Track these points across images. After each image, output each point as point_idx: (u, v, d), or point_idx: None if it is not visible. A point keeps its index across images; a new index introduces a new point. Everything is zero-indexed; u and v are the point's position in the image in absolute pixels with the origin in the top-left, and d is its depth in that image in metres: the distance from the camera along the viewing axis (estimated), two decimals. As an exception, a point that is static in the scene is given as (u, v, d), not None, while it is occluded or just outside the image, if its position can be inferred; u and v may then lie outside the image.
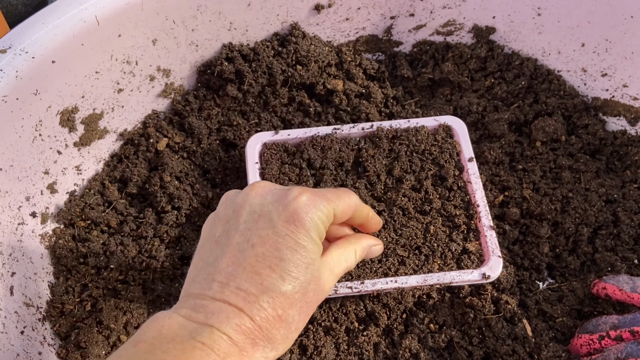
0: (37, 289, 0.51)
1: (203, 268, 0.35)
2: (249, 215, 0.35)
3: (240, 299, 0.32)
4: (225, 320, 0.31)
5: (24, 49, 0.47)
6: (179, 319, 0.32)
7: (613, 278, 0.49)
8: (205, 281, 0.34)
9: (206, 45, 0.61)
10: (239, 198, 0.37)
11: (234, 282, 0.33)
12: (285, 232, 0.34)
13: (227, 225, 0.36)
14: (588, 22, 0.60)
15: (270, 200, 0.36)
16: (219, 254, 0.34)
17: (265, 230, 0.34)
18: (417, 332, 0.50)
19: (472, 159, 0.55)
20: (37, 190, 0.52)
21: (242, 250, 0.34)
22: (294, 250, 0.34)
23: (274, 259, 0.33)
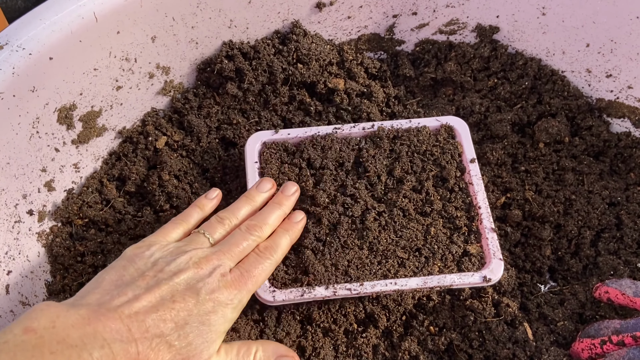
0: (33, 287, 0.51)
1: (120, 287, 0.38)
2: (184, 280, 0.40)
3: (139, 331, 0.36)
4: (118, 341, 0.34)
5: (21, 46, 0.47)
6: (76, 317, 0.34)
7: (616, 282, 0.49)
8: (117, 298, 0.37)
9: (206, 42, 0.60)
10: (181, 259, 0.41)
11: (143, 317, 0.36)
12: (204, 307, 0.39)
13: (159, 274, 0.40)
14: (593, 22, 0.59)
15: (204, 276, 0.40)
16: (143, 288, 0.38)
17: (189, 298, 0.39)
18: (417, 334, 0.50)
19: (474, 160, 0.54)
20: (34, 188, 0.52)
21: (162, 298, 0.38)
22: (200, 323, 0.39)
23: (181, 319, 0.38)
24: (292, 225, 0.48)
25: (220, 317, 0.40)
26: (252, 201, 0.48)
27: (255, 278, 0.43)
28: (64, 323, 0.33)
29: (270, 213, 0.47)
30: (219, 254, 0.42)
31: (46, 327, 0.33)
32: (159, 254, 0.42)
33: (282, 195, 0.49)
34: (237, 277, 0.42)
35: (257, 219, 0.46)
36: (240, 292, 0.41)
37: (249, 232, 0.45)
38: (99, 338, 0.34)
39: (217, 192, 0.51)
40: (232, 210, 0.47)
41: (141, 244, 0.44)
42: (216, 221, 0.46)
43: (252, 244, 0.45)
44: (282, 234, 0.46)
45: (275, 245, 0.45)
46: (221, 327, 0.40)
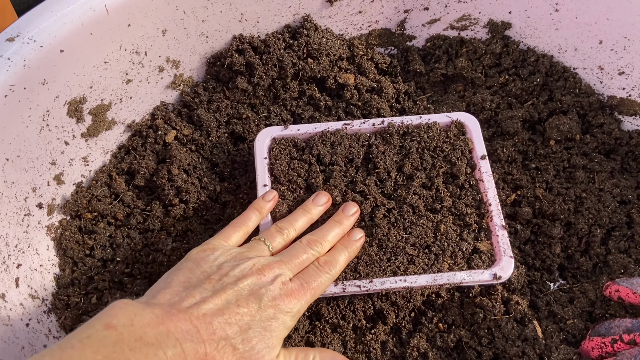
0: (42, 281, 0.51)
1: (187, 289, 0.40)
2: (248, 285, 0.42)
3: (207, 333, 0.38)
4: (189, 341, 0.36)
5: (32, 38, 0.46)
6: (151, 316, 0.36)
7: (626, 280, 0.49)
8: (186, 299, 0.39)
9: (216, 36, 0.60)
10: (245, 265, 0.43)
11: (210, 319, 0.38)
12: (266, 313, 0.41)
13: (224, 278, 0.42)
14: (607, 18, 0.59)
15: (266, 282, 0.42)
16: (210, 291, 0.40)
17: (252, 303, 0.41)
18: (426, 331, 0.50)
19: (485, 157, 0.54)
20: (43, 181, 0.52)
21: (228, 302, 0.40)
22: (263, 328, 0.40)
23: (245, 324, 0.40)
24: (351, 243, 0.48)
25: (280, 323, 0.41)
26: (309, 213, 0.50)
27: (314, 290, 0.44)
28: (140, 321, 0.35)
29: (330, 230, 0.48)
30: (280, 263, 0.44)
31: (125, 325, 0.35)
32: (223, 258, 0.44)
33: (343, 215, 0.50)
34: (297, 287, 0.43)
35: (318, 234, 0.48)
36: (300, 301, 0.43)
37: (310, 246, 0.46)
38: (171, 337, 0.36)
39: (274, 194, 0.52)
40: (290, 221, 0.49)
41: (205, 246, 0.45)
42: (275, 231, 0.48)
43: (311, 258, 0.46)
44: (341, 250, 0.48)
45: (334, 261, 0.46)
46: (281, 333, 0.42)
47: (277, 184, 0.53)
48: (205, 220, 0.56)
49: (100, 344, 0.33)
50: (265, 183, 0.53)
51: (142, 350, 0.34)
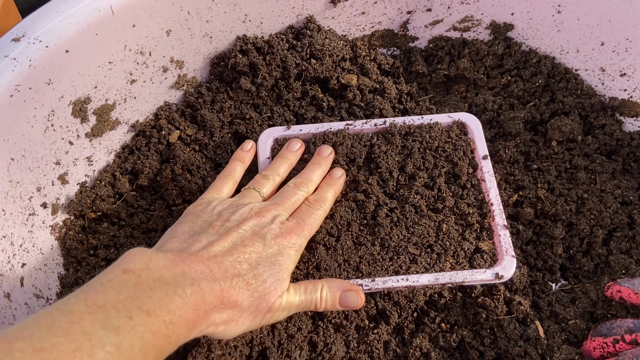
0: (47, 280, 0.51)
1: (194, 236, 0.43)
2: (250, 227, 0.44)
3: (220, 272, 0.40)
4: (204, 280, 0.38)
5: (38, 38, 0.47)
6: (165, 259, 0.38)
7: (628, 281, 0.49)
8: (194, 244, 0.41)
9: (220, 37, 0.60)
10: (243, 210, 0.46)
11: (221, 259, 0.40)
12: (271, 250, 0.44)
13: (227, 223, 0.44)
14: (609, 20, 0.59)
15: (266, 223, 0.45)
16: (215, 235, 0.43)
17: (257, 242, 0.43)
18: (428, 331, 0.50)
19: (487, 157, 0.54)
20: (48, 180, 0.52)
21: (234, 243, 0.42)
22: (271, 263, 0.43)
23: (254, 261, 0.42)
24: (334, 180, 0.52)
25: (286, 257, 0.44)
26: (287, 159, 0.53)
27: (310, 225, 0.48)
28: (155, 265, 0.37)
29: (313, 171, 0.52)
30: (275, 205, 0.47)
31: (142, 269, 0.36)
32: (220, 207, 0.46)
33: (320, 157, 0.53)
34: (295, 225, 0.46)
35: (302, 176, 0.51)
36: (300, 237, 0.46)
37: (297, 188, 0.50)
38: (187, 277, 0.37)
39: (252, 143, 0.56)
40: (272, 168, 0.52)
41: (199, 201, 0.48)
42: (261, 177, 0.51)
43: (301, 198, 0.50)
44: (327, 188, 0.51)
45: (323, 198, 0.50)
46: (289, 266, 0.45)
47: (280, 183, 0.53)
48: (208, 220, 0.56)
49: (122, 286, 0.34)
50: (269, 183, 0.53)
51: (161, 289, 0.35)
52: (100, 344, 0.30)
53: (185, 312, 0.36)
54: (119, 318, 0.32)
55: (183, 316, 0.36)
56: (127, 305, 0.33)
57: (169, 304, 0.35)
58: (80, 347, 0.30)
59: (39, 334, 0.29)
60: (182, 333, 0.36)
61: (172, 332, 0.35)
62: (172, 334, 0.35)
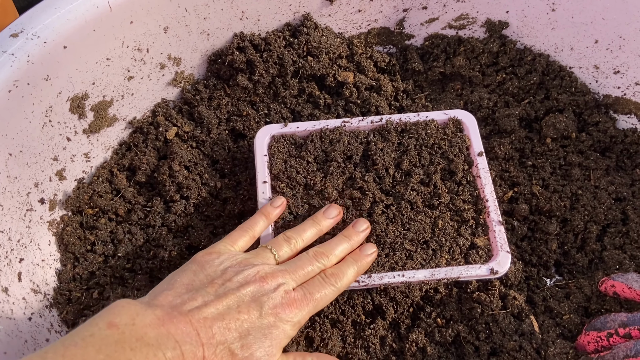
0: (44, 275, 0.51)
1: (190, 291, 0.41)
2: (250, 292, 0.42)
3: (206, 337, 0.38)
4: (188, 343, 0.37)
5: (36, 34, 0.47)
6: (152, 317, 0.37)
7: (622, 276, 0.49)
8: (188, 302, 0.39)
9: (217, 34, 0.60)
10: (249, 272, 0.43)
11: (210, 323, 0.39)
12: (266, 320, 0.41)
13: (228, 283, 0.42)
14: (603, 18, 0.60)
15: (269, 290, 0.42)
16: (212, 295, 0.41)
17: (253, 310, 0.41)
18: (424, 326, 0.50)
19: (482, 154, 0.55)
20: (45, 176, 0.52)
21: (229, 307, 0.40)
22: (262, 335, 0.40)
23: (244, 330, 0.40)
24: (362, 257, 0.48)
25: (280, 332, 0.41)
26: (319, 225, 0.49)
27: (317, 302, 0.44)
28: (142, 321, 0.36)
29: (339, 244, 0.48)
30: (285, 272, 0.44)
31: (127, 324, 0.35)
32: (227, 263, 0.44)
33: (353, 230, 0.49)
34: (300, 297, 0.43)
35: (325, 247, 0.47)
36: (301, 311, 0.43)
37: (315, 259, 0.46)
38: (171, 339, 0.36)
39: (282, 201, 0.51)
40: (298, 231, 0.48)
41: (211, 250, 0.45)
42: (283, 240, 0.47)
43: (316, 270, 0.46)
44: (350, 263, 0.47)
45: (342, 274, 0.46)
46: (281, 341, 0.41)
47: (276, 180, 0.54)
48: (205, 217, 0.56)
49: (103, 343, 0.34)
50: (265, 180, 0.53)
51: (142, 351, 0.34)
52: None
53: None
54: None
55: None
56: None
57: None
58: None
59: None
60: None
61: None
62: None
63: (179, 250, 0.54)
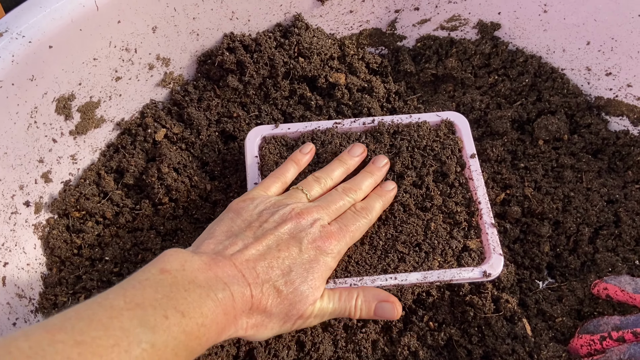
0: (29, 280, 0.50)
1: (229, 237, 0.42)
2: (288, 230, 0.43)
3: (251, 277, 0.40)
4: (236, 284, 0.38)
5: (21, 33, 0.46)
6: (199, 262, 0.38)
7: (615, 278, 0.49)
8: (229, 247, 0.41)
9: (207, 34, 0.59)
10: (284, 210, 0.44)
11: (253, 264, 0.40)
12: (307, 255, 0.43)
13: (265, 224, 0.43)
14: (594, 20, 0.60)
15: (306, 226, 0.44)
16: (251, 238, 0.42)
17: (292, 246, 0.42)
18: (416, 329, 0.50)
19: (474, 156, 0.54)
20: (31, 178, 0.51)
21: (269, 247, 0.42)
22: (305, 270, 0.42)
23: (286, 267, 0.41)
24: (384, 192, 0.51)
25: (322, 264, 0.43)
26: (345, 164, 0.52)
27: (352, 233, 0.46)
28: (190, 267, 0.38)
29: (364, 180, 0.50)
30: (318, 208, 0.46)
31: (177, 269, 0.37)
32: (262, 206, 0.45)
33: (374, 166, 0.52)
34: (336, 230, 0.45)
35: (352, 183, 0.50)
36: (340, 243, 0.45)
37: (345, 194, 0.48)
38: (220, 282, 0.38)
39: (311, 147, 0.54)
40: (326, 171, 0.51)
41: (245, 197, 0.47)
42: (313, 180, 0.50)
43: (347, 205, 0.48)
44: (376, 198, 0.50)
45: (371, 207, 0.48)
46: (323, 274, 0.43)
47: (267, 182, 0.53)
48: (195, 219, 0.56)
49: (159, 285, 0.35)
50: (256, 181, 0.53)
51: (195, 292, 0.36)
52: (137, 341, 0.31)
53: (216, 315, 0.36)
54: (155, 317, 0.33)
55: (214, 320, 0.36)
56: (164, 304, 0.34)
57: (202, 307, 0.36)
58: (118, 343, 0.30)
59: (80, 327, 0.30)
60: (212, 336, 0.36)
61: (203, 334, 0.35)
62: (203, 336, 0.35)
63: (168, 254, 0.53)
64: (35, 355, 0.28)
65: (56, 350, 0.28)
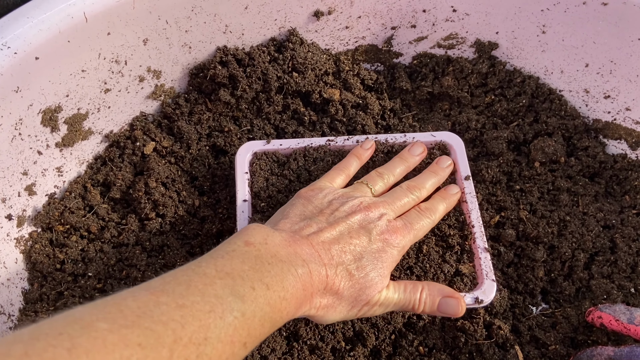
0: (9, 295, 0.49)
1: (303, 220, 0.44)
2: (357, 220, 0.45)
3: (327, 258, 0.41)
4: (313, 262, 0.40)
5: (6, 44, 0.45)
6: (280, 238, 0.40)
7: (609, 307, 0.48)
8: (305, 228, 0.43)
9: (200, 47, 0.59)
10: (353, 202, 0.46)
11: (328, 246, 0.42)
12: (375, 245, 0.44)
13: (336, 212, 0.45)
14: (594, 42, 0.59)
15: (374, 218, 0.45)
16: (324, 222, 0.44)
17: (362, 235, 0.44)
18: (406, 354, 0.49)
19: (469, 178, 0.53)
20: (14, 191, 0.50)
21: (341, 233, 0.43)
22: (374, 258, 0.44)
23: (357, 253, 0.43)
24: (449, 195, 0.52)
25: (389, 256, 0.44)
26: (406, 161, 0.53)
27: (416, 231, 0.47)
28: (272, 241, 0.40)
29: (428, 178, 0.51)
30: (384, 203, 0.47)
31: (261, 243, 0.39)
32: (331, 196, 0.47)
33: (437, 166, 0.53)
34: (401, 226, 0.46)
35: (417, 181, 0.51)
36: (405, 238, 0.46)
37: (410, 191, 0.49)
38: (299, 258, 0.40)
39: (372, 143, 0.55)
40: (389, 167, 0.52)
41: (312, 186, 0.49)
42: (376, 175, 0.51)
43: (411, 202, 0.49)
44: (440, 200, 0.51)
45: (434, 208, 0.49)
46: (390, 265, 0.45)
47: (256, 199, 0.52)
48: (182, 235, 0.55)
49: (245, 257, 0.37)
50: (245, 198, 0.52)
51: (277, 265, 0.38)
52: (230, 309, 0.33)
53: (296, 290, 0.38)
54: (244, 287, 0.35)
55: (294, 294, 0.38)
56: (251, 276, 0.36)
57: (283, 281, 0.37)
58: (214, 309, 0.32)
59: (180, 291, 0.32)
60: (291, 310, 0.38)
61: (284, 307, 0.37)
62: (284, 309, 0.37)
63: (153, 271, 0.52)
64: (144, 315, 0.29)
65: (162, 311, 0.30)
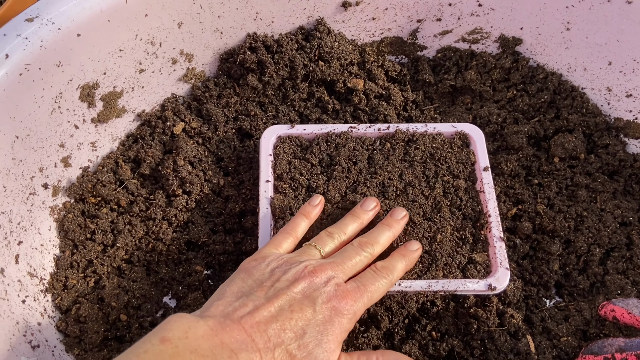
0: (42, 260, 0.51)
1: (240, 298, 0.40)
2: (301, 289, 0.40)
3: (262, 341, 0.37)
4: (244, 351, 0.36)
5: (51, 20, 0.47)
6: (205, 328, 0.36)
7: (622, 301, 0.48)
8: (239, 309, 0.39)
9: (231, 33, 0.61)
10: (297, 269, 0.42)
11: (264, 327, 0.38)
12: (321, 316, 0.40)
13: (277, 284, 0.41)
14: (617, 40, 0.59)
15: (320, 284, 0.41)
16: (262, 298, 0.40)
17: (306, 307, 0.40)
18: (419, 338, 0.50)
19: (488, 169, 0.54)
20: (51, 162, 0.52)
21: (281, 308, 0.39)
22: (319, 332, 0.39)
23: (299, 329, 0.39)
24: (408, 252, 0.48)
25: (337, 326, 0.40)
26: (358, 218, 0.49)
27: (371, 294, 0.43)
28: (194, 334, 0.36)
29: (381, 233, 0.47)
30: (333, 265, 0.43)
31: (180, 338, 0.35)
32: (274, 264, 0.43)
33: (392, 219, 0.49)
34: (353, 288, 0.42)
35: (369, 237, 0.47)
36: (356, 303, 0.41)
37: (361, 248, 0.45)
38: (226, 349, 0.35)
39: (320, 199, 0.51)
40: (339, 226, 0.48)
41: (256, 255, 0.45)
42: (326, 235, 0.47)
43: (364, 260, 0.45)
44: (399, 258, 0.47)
45: (392, 267, 0.45)
46: (339, 336, 0.40)
47: (279, 181, 0.54)
48: (206, 213, 0.56)
49: (158, 357, 0.34)
50: (268, 179, 0.53)
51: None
52: None
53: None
54: None
55: None
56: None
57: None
58: None
59: None
60: None
61: None
62: None
63: (178, 245, 0.54)
64: None
65: None
